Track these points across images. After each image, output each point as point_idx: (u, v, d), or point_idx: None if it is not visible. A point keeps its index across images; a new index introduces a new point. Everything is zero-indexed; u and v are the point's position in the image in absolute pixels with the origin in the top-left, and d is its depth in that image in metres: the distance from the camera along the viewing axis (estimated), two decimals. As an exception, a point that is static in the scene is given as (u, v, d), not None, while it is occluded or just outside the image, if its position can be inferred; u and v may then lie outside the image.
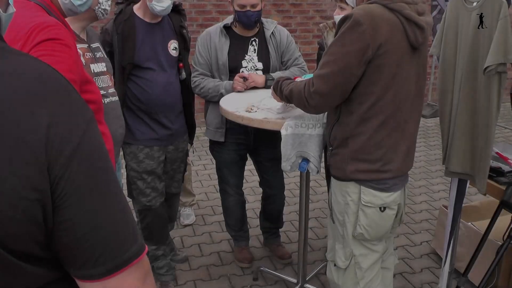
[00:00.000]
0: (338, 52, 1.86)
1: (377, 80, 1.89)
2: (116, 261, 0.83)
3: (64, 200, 0.77)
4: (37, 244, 0.78)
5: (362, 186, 2.02)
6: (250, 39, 3.07)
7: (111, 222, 0.83)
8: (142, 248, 0.87)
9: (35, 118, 0.73)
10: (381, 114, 1.93)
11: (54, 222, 0.77)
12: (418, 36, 1.90)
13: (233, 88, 2.91)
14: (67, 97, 0.80)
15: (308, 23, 7.23)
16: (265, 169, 3.30)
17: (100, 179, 0.82)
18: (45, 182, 0.74)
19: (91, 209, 0.80)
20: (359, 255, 2.12)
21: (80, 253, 0.81)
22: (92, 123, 0.82)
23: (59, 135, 0.75)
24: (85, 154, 0.79)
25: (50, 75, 0.80)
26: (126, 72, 2.80)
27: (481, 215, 3.49)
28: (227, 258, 3.57)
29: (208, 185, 4.96)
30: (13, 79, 0.74)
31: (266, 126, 2.33)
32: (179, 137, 3.09)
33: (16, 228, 0.73)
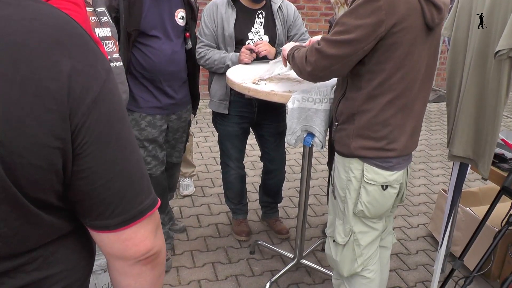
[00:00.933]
0: (350, 23, 1.82)
1: (389, 58, 1.86)
2: (131, 212, 0.84)
3: (84, 149, 0.77)
4: (55, 193, 0.78)
5: (366, 163, 2.01)
6: (257, 11, 3.03)
7: (129, 173, 0.84)
8: (156, 201, 0.89)
9: (58, 66, 0.72)
10: (389, 92, 1.91)
11: (73, 171, 0.78)
12: (435, 17, 1.86)
13: (240, 60, 2.89)
14: (87, 46, 0.79)
15: (316, 1, 7.16)
16: (268, 143, 3.30)
17: (119, 129, 0.82)
18: (66, 130, 0.74)
19: (110, 159, 0.80)
20: (359, 232, 2.13)
21: (97, 203, 0.82)
22: (111, 73, 0.82)
23: (80, 83, 0.75)
24: (105, 103, 0.78)
25: (71, 24, 0.79)
26: (132, 39, 2.77)
27: (479, 201, 3.51)
28: (225, 230, 3.59)
29: (208, 157, 4.96)
30: (35, 26, 0.73)
31: (272, 98, 2.32)
32: (182, 106, 3.08)
33: (36, 175, 0.74)
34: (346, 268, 2.20)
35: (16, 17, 0.72)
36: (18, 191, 0.73)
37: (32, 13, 0.74)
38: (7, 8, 0.72)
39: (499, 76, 2.21)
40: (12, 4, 0.73)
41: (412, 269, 3.22)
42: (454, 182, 2.64)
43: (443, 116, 6.68)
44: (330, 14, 7.19)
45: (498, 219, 2.69)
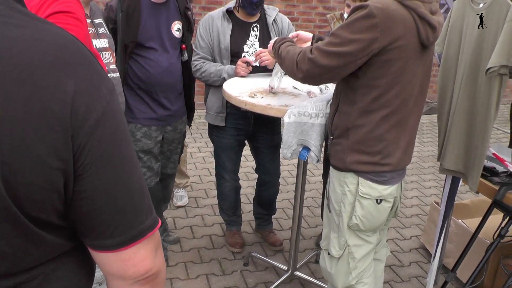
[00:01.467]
0: (345, 36, 1.84)
1: (384, 74, 1.89)
2: (132, 232, 0.84)
3: (85, 170, 0.77)
4: (55, 213, 0.79)
5: (360, 178, 2.04)
6: (252, 24, 3.06)
7: (130, 194, 0.84)
8: (156, 221, 0.89)
9: (62, 86, 0.73)
10: (384, 108, 1.93)
11: (74, 191, 0.78)
12: (430, 36, 1.89)
13: (236, 73, 2.91)
14: (92, 67, 0.80)
15: (311, 13, 7.22)
16: (263, 155, 3.32)
17: (121, 149, 0.82)
18: (69, 150, 0.74)
19: (112, 180, 0.81)
20: (353, 245, 2.15)
21: (97, 223, 0.82)
22: (114, 94, 0.82)
23: (84, 104, 0.75)
24: (108, 124, 0.79)
25: (75, 44, 0.80)
26: (129, 50, 2.80)
27: (471, 213, 3.54)
28: (219, 241, 3.59)
29: (202, 168, 4.97)
30: (41, 46, 0.74)
31: (269, 112, 2.34)
32: (177, 118, 3.10)
33: (38, 195, 0.74)
34: (340, 281, 2.22)
35: (23, 38, 0.73)
36: (18, 210, 0.73)
37: (38, 33, 0.75)
38: (15, 29, 0.73)
39: (489, 92, 2.25)
40: (20, 25, 0.74)
41: (405, 281, 3.24)
42: (447, 195, 2.68)
43: (435, 128, 6.73)
44: (324, 26, 7.25)
45: (489, 232, 2.73)
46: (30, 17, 0.77)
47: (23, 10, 0.78)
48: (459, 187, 2.67)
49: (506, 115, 8.12)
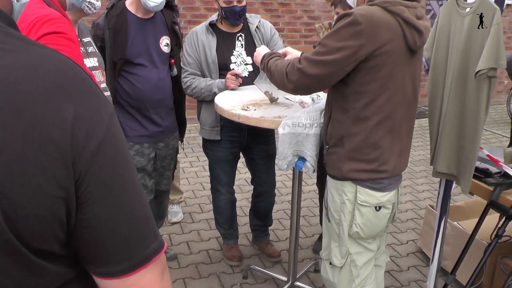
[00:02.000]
0: (331, 45, 1.87)
1: (372, 79, 1.90)
2: (137, 258, 0.82)
3: (88, 197, 0.75)
4: (57, 242, 0.76)
5: (358, 186, 2.04)
6: (236, 34, 3.07)
7: (134, 218, 0.82)
8: (162, 244, 0.87)
9: (61, 113, 0.71)
10: (377, 114, 1.95)
11: (77, 219, 0.76)
12: (417, 40, 1.92)
13: (226, 87, 2.91)
14: (91, 91, 0.78)
15: (296, 23, 7.27)
16: (258, 167, 3.31)
17: (124, 174, 0.80)
18: (70, 178, 0.72)
19: (115, 206, 0.79)
20: (355, 253, 2.15)
21: (102, 251, 0.80)
22: (114, 117, 0.80)
23: (84, 130, 0.73)
24: (110, 149, 0.77)
25: (73, 69, 0.78)
26: (118, 68, 2.79)
27: (465, 215, 3.56)
28: (216, 256, 3.57)
29: (195, 182, 4.96)
30: (37, 72, 0.72)
31: (263, 124, 2.34)
32: (169, 134, 3.09)
33: (39, 226, 0.72)
34: (343, 290, 2.21)
35: (19, 65, 0.71)
36: (20, 243, 0.70)
37: (35, 59, 0.73)
38: (10, 55, 0.71)
39: (479, 95, 2.28)
40: (15, 50, 0.72)
41: (404, 285, 3.24)
42: (442, 198, 2.69)
43: (425, 132, 6.78)
44: (310, 35, 7.30)
45: (485, 232, 2.75)
46: (25, 42, 0.75)
47: (17, 34, 0.76)
48: (452, 189, 2.68)
49: (493, 116, 8.21)
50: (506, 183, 2.50)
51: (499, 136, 6.93)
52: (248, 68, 3.06)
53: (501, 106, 8.83)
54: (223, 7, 2.91)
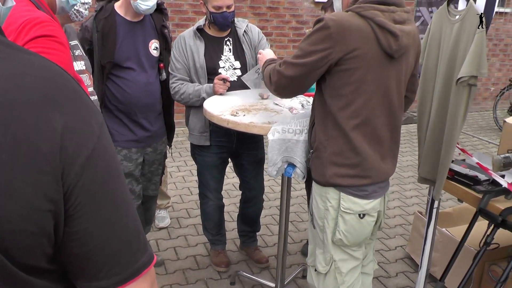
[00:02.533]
0: (305, 49, 1.95)
1: (346, 84, 1.94)
2: (127, 271, 0.80)
3: (77, 210, 0.73)
4: (45, 257, 0.74)
5: (342, 193, 2.04)
6: (224, 39, 3.05)
7: (125, 232, 0.80)
8: (152, 257, 0.85)
9: (50, 124, 0.69)
10: (353, 118, 1.97)
11: (65, 232, 0.73)
12: (392, 44, 1.92)
13: (215, 92, 2.89)
14: (81, 101, 0.75)
15: (284, 27, 7.27)
16: (247, 172, 3.29)
17: (114, 187, 0.78)
18: (59, 191, 0.70)
19: (105, 219, 0.77)
20: (339, 260, 2.14)
21: (91, 265, 0.77)
22: (104, 127, 0.78)
23: (73, 141, 0.71)
24: (99, 161, 0.75)
25: (63, 77, 0.75)
26: (106, 72, 2.76)
27: (454, 221, 3.56)
28: (204, 262, 3.54)
29: (182, 187, 4.92)
30: (26, 81, 0.69)
31: (252, 130, 2.32)
32: (157, 139, 3.06)
33: (27, 241, 0.69)
34: (330, 297, 2.20)
35: (6, 73, 0.68)
36: (6, 259, 0.68)
37: (23, 67, 0.71)
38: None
39: (458, 102, 2.29)
40: (3, 58, 0.70)
41: (393, 292, 3.24)
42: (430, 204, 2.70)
43: (413, 137, 6.81)
44: (298, 40, 7.29)
45: (474, 239, 2.75)
46: (13, 48, 0.73)
47: (4, 40, 0.73)
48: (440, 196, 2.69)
49: (480, 123, 8.28)
50: (494, 191, 2.51)
51: (485, 143, 6.98)
52: (236, 73, 3.04)
53: (488, 112, 8.90)
54: (212, 12, 2.89)
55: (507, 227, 2.35)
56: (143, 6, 2.67)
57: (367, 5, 1.91)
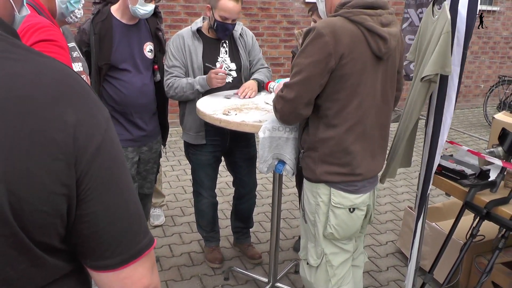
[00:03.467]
0: (302, 63, 1.95)
1: (341, 88, 1.97)
2: (130, 251, 0.88)
3: (87, 194, 0.81)
4: (58, 237, 0.82)
5: (332, 188, 2.10)
6: (221, 41, 3.11)
7: (128, 215, 0.88)
8: (152, 240, 0.94)
9: (63, 117, 0.77)
10: (347, 120, 2.02)
11: (76, 214, 0.82)
12: (381, 47, 1.98)
13: (211, 84, 2.92)
14: (89, 97, 0.84)
15: (275, 28, 7.33)
16: (240, 169, 3.36)
17: (119, 174, 0.87)
18: (72, 177, 0.79)
19: (112, 203, 0.85)
20: (330, 254, 2.21)
21: (98, 245, 0.86)
22: (110, 121, 0.87)
23: (84, 133, 0.79)
24: (107, 150, 0.84)
25: (73, 76, 0.84)
26: (103, 73, 2.81)
27: (443, 215, 3.64)
28: (198, 258, 3.60)
29: (176, 186, 4.98)
30: (42, 80, 0.78)
31: (244, 128, 2.39)
32: (152, 138, 3.12)
33: (43, 221, 0.78)
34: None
35: (24, 72, 0.77)
36: (25, 236, 0.76)
37: (38, 67, 0.79)
38: (16, 64, 0.77)
39: (417, 96, 2.35)
40: (20, 59, 0.78)
41: (383, 285, 3.31)
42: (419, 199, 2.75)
43: (403, 134, 6.86)
44: (289, 40, 7.37)
45: (461, 232, 2.82)
46: (30, 52, 0.81)
47: (22, 44, 0.82)
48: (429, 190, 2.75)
49: (471, 119, 8.37)
50: (480, 184, 2.58)
51: (476, 139, 7.07)
52: (232, 74, 3.11)
53: (478, 109, 9.01)
54: (216, 20, 2.95)
55: (491, 219, 2.43)
56: (142, 11, 2.74)
57: (356, 10, 1.95)
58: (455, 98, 2.38)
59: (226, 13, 2.91)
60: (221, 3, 2.90)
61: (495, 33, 9.15)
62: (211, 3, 2.96)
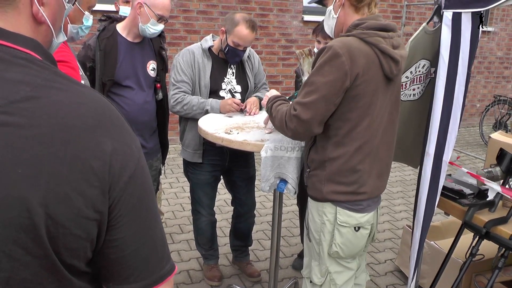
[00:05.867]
0: (318, 81, 1.95)
1: (354, 108, 1.99)
2: (153, 277, 0.91)
3: (118, 221, 0.85)
4: (85, 260, 0.85)
5: (338, 207, 2.12)
6: (228, 62, 3.14)
7: (154, 241, 0.92)
8: (173, 266, 0.96)
9: (101, 146, 0.81)
10: (357, 140, 2.03)
11: (105, 240, 0.85)
12: (393, 69, 2.01)
13: (225, 111, 2.98)
14: (124, 127, 0.88)
15: (274, 46, 7.39)
16: (239, 188, 3.37)
17: (148, 202, 0.90)
18: (105, 204, 0.82)
19: (140, 229, 0.89)
20: (334, 272, 2.21)
21: (124, 269, 0.88)
22: (141, 150, 0.90)
23: (119, 162, 0.83)
24: (139, 179, 0.87)
25: (109, 107, 0.88)
26: (106, 89, 2.83)
27: (442, 234, 3.65)
28: (197, 276, 3.60)
29: (175, 203, 4.98)
30: (82, 109, 0.82)
31: (246, 148, 2.40)
32: (153, 155, 3.13)
33: (74, 244, 0.81)
34: (324, 308, 2.27)
35: (67, 101, 0.81)
36: (57, 258, 0.79)
37: (79, 97, 0.83)
38: (60, 93, 0.81)
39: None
40: (63, 89, 0.82)
41: (383, 305, 3.31)
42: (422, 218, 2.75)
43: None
44: (288, 58, 7.43)
45: (460, 251, 2.83)
46: (69, 81, 0.85)
47: (63, 74, 0.86)
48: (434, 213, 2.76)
49: (467, 139, 8.42)
50: (479, 204, 2.60)
51: (472, 158, 7.11)
52: (236, 96, 3.14)
53: (474, 128, 9.06)
54: (229, 45, 2.98)
55: (490, 239, 2.44)
56: (152, 30, 2.78)
57: (370, 32, 1.97)
58: (459, 118, 2.41)
59: (241, 40, 2.95)
60: (237, 29, 2.92)
61: (490, 53, 9.26)
62: (227, 27, 2.98)
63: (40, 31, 0.89)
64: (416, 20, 8.47)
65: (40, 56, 0.86)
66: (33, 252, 0.77)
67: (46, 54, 0.88)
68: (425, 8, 8.51)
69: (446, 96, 2.42)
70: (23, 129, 0.75)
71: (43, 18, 0.87)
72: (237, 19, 2.95)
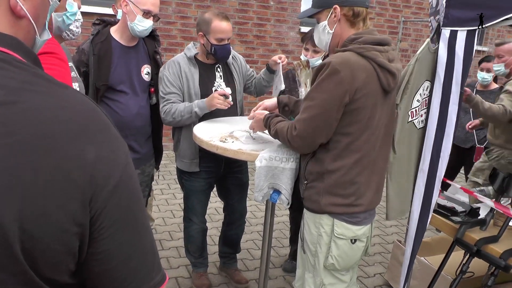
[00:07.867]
0: (318, 97, 1.98)
1: (353, 122, 2.01)
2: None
3: (101, 233, 0.79)
4: (68, 273, 0.80)
5: (336, 219, 2.12)
6: (215, 66, 3.13)
7: (143, 252, 0.86)
8: (164, 276, 0.91)
9: (83, 154, 0.75)
10: (356, 152, 2.04)
11: (88, 252, 0.79)
12: (390, 82, 2.03)
13: (212, 106, 2.89)
14: (110, 132, 0.81)
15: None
16: (232, 195, 3.36)
17: (136, 212, 0.85)
18: (86, 215, 0.76)
19: (127, 240, 0.83)
20: (329, 284, 2.21)
21: (109, 282, 0.83)
22: (129, 156, 0.84)
23: (103, 171, 0.77)
24: (125, 188, 0.81)
25: (95, 110, 0.81)
26: (100, 94, 2.82)
27: (432, 250, 3.66)
28: (185, 284, 3.57)
29: (165, 210, 4.95)
30: (64, 114, 0.76)
31: (241, 157, 2.40)
32: (146, 161, 3.11)
33: (54, 259, 0.75)
34: (316, 320, 2.26)
35: (46, 105, 0.75)
36: (34, 274, 0.74)
37: (61, 100, 0.77)
38: (39, 96, 0.75)
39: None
40: (44, 92, 0.76)
41: (371, 319, 3.30)
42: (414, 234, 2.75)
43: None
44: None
45: (450, 268, 2.84)
46: (51, 83, 0.79)
47: (44, 75, 0.80)
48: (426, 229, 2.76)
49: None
50: (470, 222, 2.61)
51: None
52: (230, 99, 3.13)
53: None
54: (213, 44, 2.96)
55: (481, 257, 2.45)
56: (140, 27, 2.75)
57: (368, 46, 1.99)
58: (452, 136, 2.43)
59: (222, 34, 2.94)
60: (213, 26, 2.92)
61: (484, 71, 9.31)
62: (203, 29, 2.97)
63: (21, 26, 0.83)
64: (412, 37, 8.53)
65: (20, 55, 0.79)
66: (8, 270, 0.71)
67: (28, 53, 0.82)
68: (421, 25, 8.58)
69: (441, 113, 2.44)
70: None
71: (22, 11, 0.81)
72: (208, 17, 2.95)
